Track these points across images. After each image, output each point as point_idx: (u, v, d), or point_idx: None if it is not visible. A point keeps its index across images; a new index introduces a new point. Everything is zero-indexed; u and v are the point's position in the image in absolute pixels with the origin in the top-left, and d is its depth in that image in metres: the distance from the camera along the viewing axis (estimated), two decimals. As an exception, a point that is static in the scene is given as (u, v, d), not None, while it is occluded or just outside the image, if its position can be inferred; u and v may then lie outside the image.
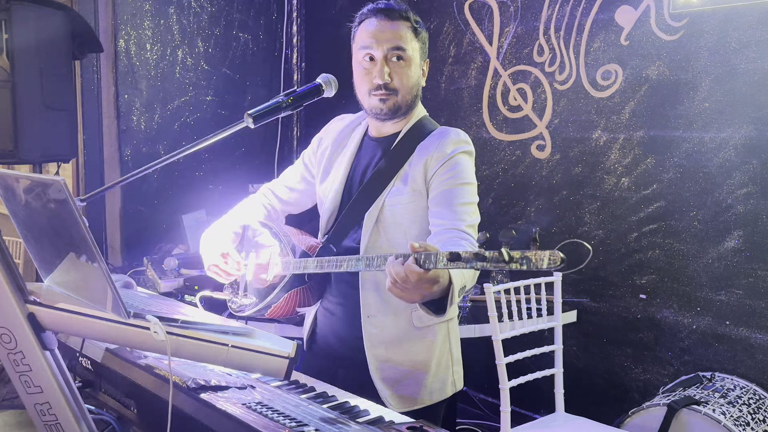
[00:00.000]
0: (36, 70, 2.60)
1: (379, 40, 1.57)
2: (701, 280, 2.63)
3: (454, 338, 1.74)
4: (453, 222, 1.50)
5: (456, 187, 1.55)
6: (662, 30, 2.67)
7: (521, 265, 1.03)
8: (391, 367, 1.64)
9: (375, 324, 1.64)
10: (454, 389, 1.74)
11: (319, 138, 1.82)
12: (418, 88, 1.64)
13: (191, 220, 3.38)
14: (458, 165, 1.57)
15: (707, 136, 2.59)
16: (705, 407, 2.18)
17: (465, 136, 1.63)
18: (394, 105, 1.61)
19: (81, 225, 0.94)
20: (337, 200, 1.69)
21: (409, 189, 1.59)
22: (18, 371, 1.03)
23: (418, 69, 1.62)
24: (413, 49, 1.60)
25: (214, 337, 1.06)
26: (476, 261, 1.08)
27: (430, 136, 1.63)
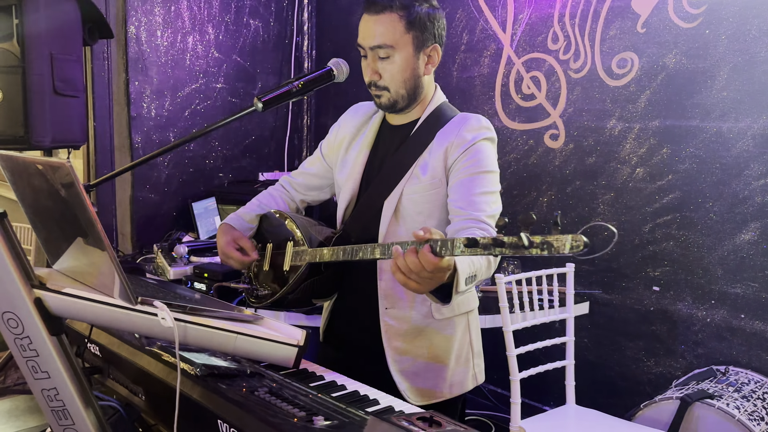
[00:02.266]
0: (46, 55, 2.59)
1: (364, 38, 1.53)
2: (716, 272, 2.59)
3: (475, 330, 1.72)
4: (472, 212, 1.46)
5: (477, 175, 1.51)
6: (680, 17, 2.61)
7: (542, 250, 0.99)
8: (410, 359, 1.62)
9: (393, 316, 1.61)
10: (475, 382, 1.71)
11: (336, 126, 1.78)
12: (415, 79, 1.56)
13: (201, 207, 3.38)
14: (479, 152, 1.52)
15: (725, 126, 2.54)
16: (719, 401, 2.15)
17: (486, 122, 1.58)
18: (389, 101, 1.57)
19: (88, 209, 0.93)
20: (355, 189, 1.66)
21: (429, 177, 1.55)
22: (25, 356, 1.02)
23: (412, 61, 1.54)
24: (403, 42, 1.51)
25: (222, 324, 1.05)
26: (494, 247, 1.04)
27: (450, 122, 1.59)
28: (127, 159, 3.46)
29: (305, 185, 1.83)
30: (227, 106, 3.83)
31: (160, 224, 3.55)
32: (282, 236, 1.67)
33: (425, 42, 1.55)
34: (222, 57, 3.78)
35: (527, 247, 1.00)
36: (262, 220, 1.77)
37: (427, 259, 1.15)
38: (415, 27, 1.52)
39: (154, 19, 3.48)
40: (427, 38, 1.55)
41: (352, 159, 1.69)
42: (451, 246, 1.12)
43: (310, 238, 1.60)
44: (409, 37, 1.52)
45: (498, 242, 1.03)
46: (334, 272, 1.64)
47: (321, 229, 1.67)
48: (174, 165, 3.63)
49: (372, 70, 1.54)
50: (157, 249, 2.93)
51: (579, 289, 2.87)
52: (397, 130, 1.65)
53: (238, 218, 1.76)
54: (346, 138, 1.72)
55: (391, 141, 1.65)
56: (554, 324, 2.49)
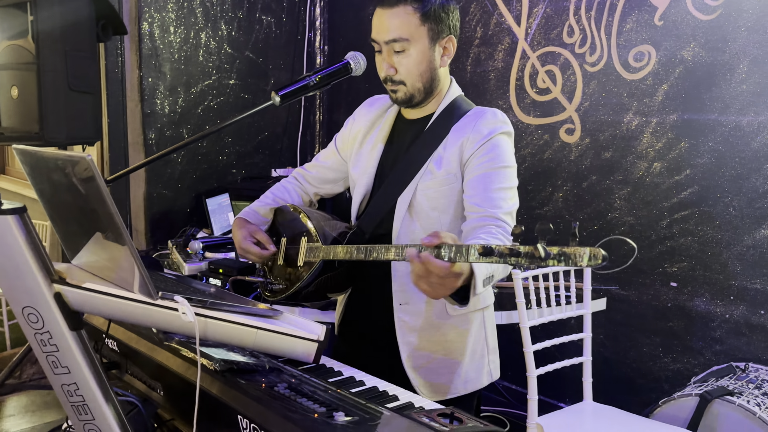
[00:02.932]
0: (61, 52, 2.59)
1: (379, 32, 1.52)
2: (735, 268, 2.55)
3: (490, 326, 1.70)
4: (488, 209, 1.44)
5: (493, 171, 1.48)
6: (698, 9, 2.58)
7: (559, 261, 0.98)
8: (424, 355, 1.61)
9: (407, 311, 1.60)
10: (490, 379, 1.70)
11: (351, 119, 1.77)
12: (431, 72, 1.54)
13: (214, 203, 3.38)
14: (496, 147, 1.50)
15: (744, 120, 2.50)
16: (739, 398, 2.12)
17: (503, 116, 1.56)
18: (405, 95, 1.55)
19: (108, 203, 0.92)
20: (369, 184, 1.65)
21: (444, 172, 1.53)
22: (45, 351, 1.02)
23: (428, 53, 1.52)
24: (419, 35, 1.49)
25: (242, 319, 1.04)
26: (510, 256, 1.03)
27: (466, 116, 1.56)
28: (140, 155, 3.47)
29: (319, 178, 1.82)
30: (240, 103, 3.83)
31: (174, 220, 3.56)
32: (296, 230, 1.66)
33: (440, 34, 1.53)
34: (235, 53, 3.78)
35: (544, 259, 0.99)
36: (277, 214, 1.76)
37: (435, 266, 1.13)
38: (429, 19, 1.50)
39: (167, 15, 3.48)
40: (442, 30, 1.53)
41: (366, 153, 1.67)
42: (466, 252, 1.11)
43: (324, 234, 1.59)
44: (424, 29, 1.50)
45: (514, 252, 1.02)
46: (349, 268, 1.63)
47: (335, 223, 1.66)
48: (187, 161, 3.63)
49: (387, 64, 1.52)
50: (171, 245, 2.94)
51: (596, 285, 2.84)
52: (411, 124, 1.63)
53: (253, 212, 1.75)
54: (360, 131, 1.71)
55: (405, 135, 1.63)
56: (569, 320, 2.47)
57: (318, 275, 1.58)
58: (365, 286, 1.68)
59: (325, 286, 1.63)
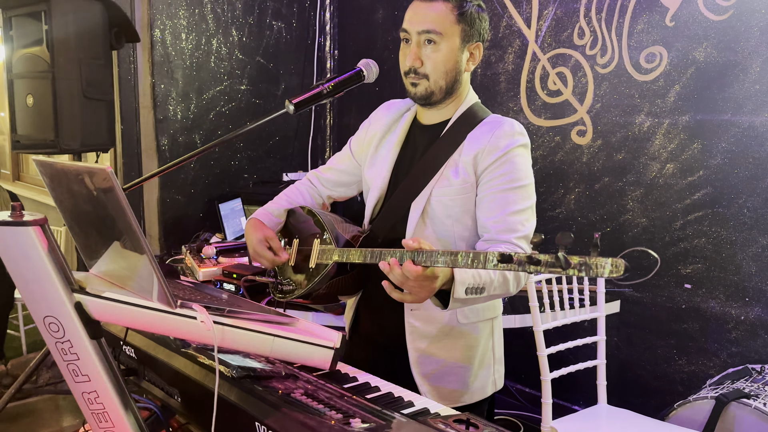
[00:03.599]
0: (75, 60, 2.63)
1: (413, 22, 1.52)
2: (750, 269, 2.54)
3: (498, 336, 1.70)
4: (504, 234, 1.44)
5: (510, 192, 1.48)
6: (710, 10, 2.56)
7: (579, 271, 0.98)
8: (433, 362, 1.61)
9: (418, 317, 1.60)
10: (494, 388, 1.70)
11: (367, 123, 1.77)
12: (456, 73, 1.54)
13: (227, 208, 3.40)
14: (513, 164, 1.49)
15: (758, 120, 2.48)
16: (755, 401, 2.11)
17: (520, 128, 1.54)
18: (426, 90, 1.54)
19: (128, 214, 0.93)
20: (383, 188, 1.64)
21: (460, 180, 1.53)
22: (66, 360, 1.03)
23: (457, 53, 1.53)
24: (452, 32, 1.50)
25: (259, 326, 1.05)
26: (529, 264, 1.02)
27: (482, 124, 1.56)
28: (154, 161, 3.50)
29: (333, 181, 1.82)
30: (251, 108, 3.85)
31: (187, 225, 3.58)
32: (309, 232, 1.66)
33: (471, 37, 1.54)
34: (246, 59, 3.80)
35: (564, 268, 0.99)
36: (289, 215, 1.76)
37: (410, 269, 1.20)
38: (465, 20, 1.51)
39: (178, 22, 3.51)
40: (473, 34, 1.55)
41: (381, 157, 1.67)
42: (484, 260, 1.12)
43: (337, 237, 1.59)
44: (458, 28, 1.51)
45: (533, 260, 1.02)
46: (360, 271, 1.63)
47: (348, 226, 1.66)
48: (200, 166, 3.66)
49: (415, 55, 1.52)
50: (185, 250, 2.96)
51: (609, 288, 2.83)
52: (428, 129, 1.63)
53: (267, 213, 1.75)
54: (376, 135, 1.71)
55: (421, 140, 1.63)
56: (582, 323, 2.46)
57: (330, 278, 1.58)
58: (377, 289, 1.68)
59: (336, 288, 1.63)
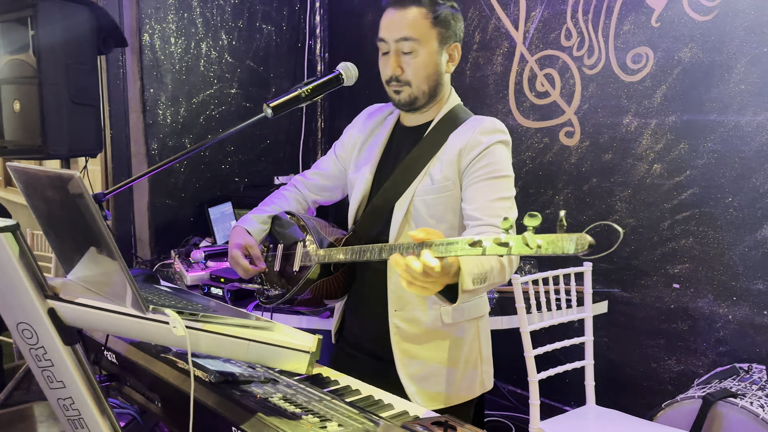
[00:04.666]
0: (62, 65, 2.62)
1: (389, 30, 1.53)
2: (737, 268, 2.54)
3: (485, 336, 1.70)
4: (488, 219, 1.45)
5: (491, 180, 1.49)
6: (695, 10, 2.57)
7: (546, 250, 0.97)
8: (418, 363, 1.61)
9: (402, 318, 1.60)
10: (482, 389, 1.70)
11: (351, 127, 1.78)
12: (437, 76, 1.56)
13: (217, 212, 3.40)
14: (494, 156, 1.51)
15: (743, 120, 2.49)
16: (742, 400, 2.11)
17: (501, 125, 1.56)
18: (409, 97, 1.56)
19: (98, 220, 0.93)
20: (366, 189, 1.66)
21: (442, 179, 1.54)
22: (40, 366, 1.03)
23: (435, 56, 1.54)
24: (428, 37, 1.51)
25: (234, 331, 1.05)
26: (499, 246, 1.02)
27: (464, 124, 1.57)
28: (143, 166, 3.50)
29: (318, 185, 1.83)
30: (242, 111, 3.85)
31: (178, 229, 3.58)
32: (293, 237, 1.67)
33: (448, 39, 1.55)
34: (236, 62, 3.80)
35: (532, 248, 0.98)
36: (274, 221, 1.77)
37: (427, 262, 1.14)
38: (440, 23, 1.52)
39: (167, 26, 3.51)
40: (450, 36, 1.56)
41: (365, 160, 1.69)
42: (455, 246, 1.11)
43: (321, 240, 1.60)
44: (434, 32, 1.52)
45: (503, 243, 1.02)
46: (344, 273, 1.64)
47: (332, 230, 1.67)
48: (190, 170, 3.65)
49: (395, 63, 1.53)
50: (174, 254, 2.96)
51: (598, 288, 2.84)
52: (410, 131, 1.64)
53: (251, 220, 1.76)
54: (360, 139, 1.72)
55: (404, 142, 1.64)
56: (573, 323, 2.47)
57: (314, 280, 1.59)
58: (361, 292, 1.69)
59: (321, 292, 1.63)
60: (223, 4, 3.71)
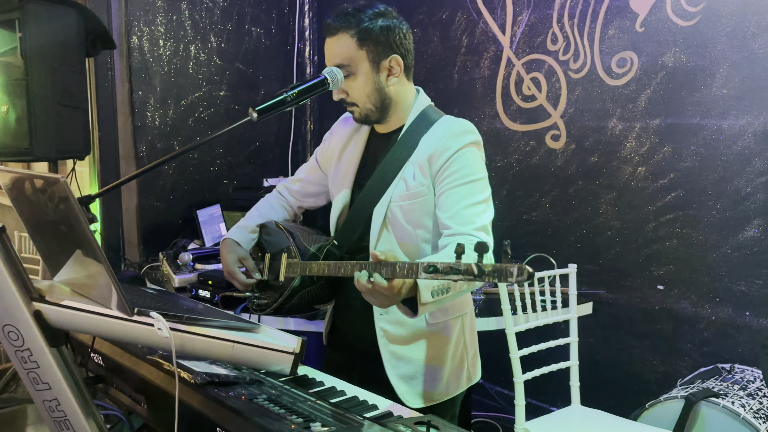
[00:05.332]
0: (49, 68, 2.62)
1: (327, 59, 1.58)
2: (720, 270, 2.58)
3: (470, 332, 1.73)
4: (462, 226, 1.48)
5: (464, 185, 1.51)
6: (678, 15, 2.61)
7: (492, 278, 1.05)
8: (406, 363, 1.64)
9: (388, 321, 1.63)
10: (470, 382, 1.74)
11: (329, 134, 1.82)
12: (379, 93, 1.58)
13: (206, 215, 3.40)
14: (464, 160, 1.53)
15: (725, 124, 2.53)
16: (724, 400, 2.14)
17: (470, 126, 1.58)
18: (361, 115, 1.61)
19: (83, 224, 0.94)
20: (346, 197, 1.68)
21: (416, 185, 1.56)
22: (26, 368, 1.04)
23: (370, 76, 1.56)
24: (358, 59, 1.54)
25: (219, 333, 1.06)
26: (452, 273, 1.09)
27: (434, 127, 1.59)
28: (132, 168, 3.49)
29: (302, 192, 1.86)
30: (231, 114, 3.85)
31: (167, 232, 3.58)
32: (278, 246, 1.71)
33: (382, 54, 1.56)
34: (225, 65, 3.81)
35: (478, 275, 1.05)
36: (262, 230, 1.80)
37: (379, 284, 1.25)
38: (367, 43, 1.54)
39: (156, 29, 3.51)
40: (384, 51, 1.56)
41: (343, 167, 1.72)
42: (416, 270, 1.19)
43: (304, 249, 1.63)
44: (362, 53, 1.54)
45: (454, 270, 1.09)
46: (330, 280, 1.67)
47: (315, 238, 1.70)
48: (179, 173, 3.65)
49: (339, 89, 1.58)
50: (162, 257, 2.96)
51: (584, 289, 2.87)
52: (384, 137, 1.67)
53: (241, 231, 1.80)
54: (338, 146, 1.75)
55: (380, 148, 1.67)
56: (560, 325, 2.49)
57: (299, 290, 1.63)
58: (348, 296, 1.71)
59: (308, 299, 1.67)
60: (212, 7, 3.72)
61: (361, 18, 1.54)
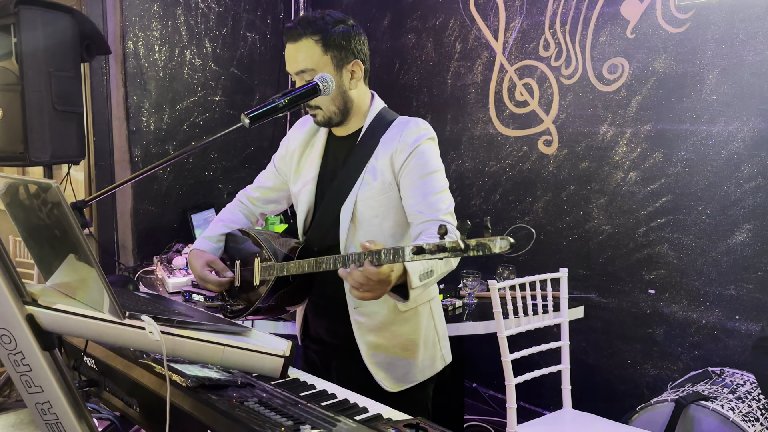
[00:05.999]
0: (45, 73, 2.63)
1: (288, 65, 1.64)
2: (710, 274, 2.60)
3: (438, 316, 1.81)
4: (430, 213, 1.56)
5: (426, 177, 1.60)
6: (668, 22, 2.64)
7: (477, 251, 1.11)
8: (382, 350, 1.71)
9: (362, 313, 1.70)
10: (443, 363, 1.81)
11: (286, 140, 1.87)
12: (342, 96, 1.64)
13: (200, 219, 3.41)
14: (424, 154, 1.61)
15: (715, 129, 2.56)
16: (713, 403, 2.16)
17: (425, 124, 1.66)
18: (324, 118, 1.67)
19: (76, 229, 0.96)
20: (311, 200, 1.74)
21: (379, 183, 1.64)
22: (18, 371, 1.05)
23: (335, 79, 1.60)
24: (323, 64, 1.59)
25: (209, 336, 1.07)
26: (439, 252, 1.16)
27: (392, 127, 1.67)
28: (127, 172, 3.51)
29: (262, 199, 1.91)
30: (226, 118, 3.87)
31: (161, 236, 3.59)
32: (248, 252, 1.75)
33: (345, 59, 1.62)
34: (220, 70, 3.82)
35: (464, 250, 1.12)
36: (228, 239, 1.85)
37: (370, 271, 1.28)
38: (331, 48, 1.60)
39: (151, 34, 3.53)
40: (346, 56, 1.63)
41: (305, 171, 1.77)
42: (402, 254, 1.23)
43: (275, 252, 1.68)
44: (327, 58, 1.60)
45: (441, 248, 1.15)
46: (303, 280, 1.71)
47: (284, 240, 1.75)
48: (174, 177, 3.67)
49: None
50: (156, 261, 2.97)
51: (575, 293, 2.89)
52: (343, 140, 1.73)
53: (206, 241, 1.83)
54: (296, 151, 1.81)
55: (340, 151, 1.73)
56: (552, 329, 2.51)
57: (274, 291, 1.67)
58: (321, 294, 1.77)
59: (282, 300, 1.72)
60: (207, 12, 3.74)
61: (325, 24, 1.59)
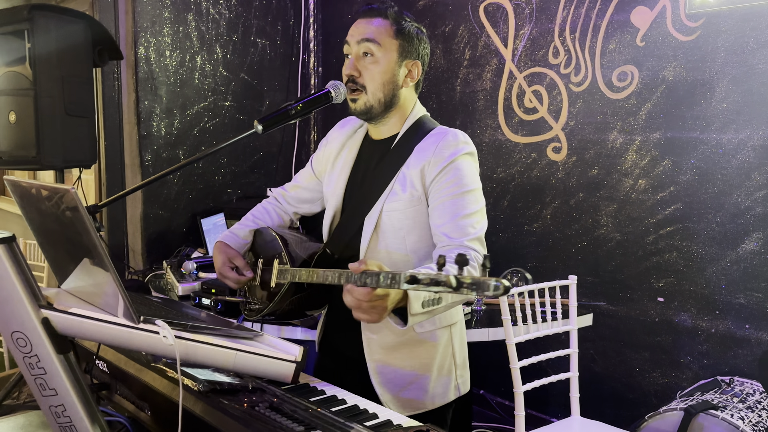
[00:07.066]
0: (57, 78, 2.66)
1: (354, 35, 1.60)
2: (720, 283, 2.59)
3: (459, 342, 1.71)
4: (456, 238, 1.46)
5: (458, 197, 1.50)
6: (678, 30, 2.64)
7: (470, 290, 1.03)
8: (392, 371, 1.63)
9: (374, 329, 1.62)
10: (457, 393, 1.71)
11: (325, 141, 1.82)
12: (393, 87, 1.58)
13: (210, 223, 3.43)
14: (458, 171, 1.51)
15: (725, 137, 2.55)
16: (723, 412, 2.15)
17: (464, 137, 1.57)
18: (365, 105, 1.58)
19: (92, 233, 0.97)
20: (338, 204, 1.68)
21: (408, 195, 1.55)
22: (33, 374, 1.06)
23: (394, 67, 1.57)
24: (389, 46, 1.56)
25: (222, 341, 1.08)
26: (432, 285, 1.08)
27: (428, 137, 1.59)
28: (137, 177, 3.53)
29: (297, 198, 1.86)
30: (236, 124, 3.89)
31: (171, 240, 3.61)
32: (271, 252, 1.70)
33: (409, 53, 1.60)
34: (230, 75, 3.85)
35: (456, 288, 1.04)
36: (256, 236, 1.80)
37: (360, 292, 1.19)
38: (402, 36, 1.58)
39: (162, 39, 3.55)
40: (412, 51, 1.60)
41: (336, 174, 1.72)
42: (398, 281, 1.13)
43: (294, 256, 1.62)
44: (395, 43, 1.57)
45: (434, 282, 1.07)
46: (319, 287, 1.64)
47: (308, 245, 1.69)
48: (184, 182, 3.69)
49: (353, 65, 1.59)
50: (166, 265, 2.98)
51: (584, 301, 2.88)
52: (378, 144, 1.67)
53: (233, 235, 1.79)
54: (332, 152, 1.75)
55: (372, 156, 1.66)
56: (560, 336, 2.51)
57: (290, 296, 1.60)
58: (337, 303, 1.71)
59: (300, 305, 1.66)
60: (218, 18, 3.76)
61: (403, 15, 1.60)
